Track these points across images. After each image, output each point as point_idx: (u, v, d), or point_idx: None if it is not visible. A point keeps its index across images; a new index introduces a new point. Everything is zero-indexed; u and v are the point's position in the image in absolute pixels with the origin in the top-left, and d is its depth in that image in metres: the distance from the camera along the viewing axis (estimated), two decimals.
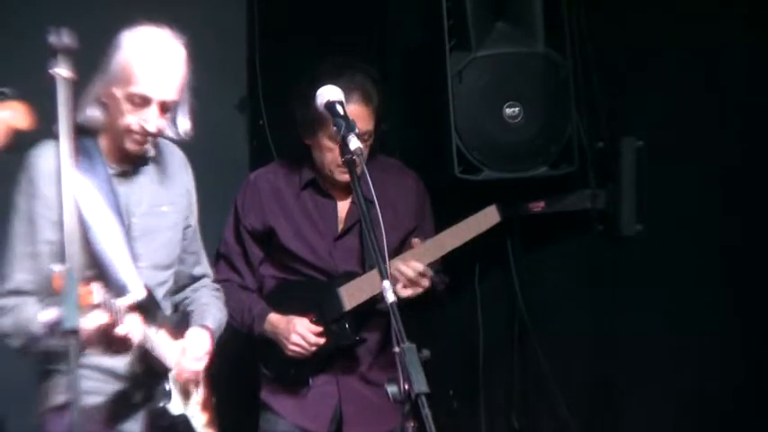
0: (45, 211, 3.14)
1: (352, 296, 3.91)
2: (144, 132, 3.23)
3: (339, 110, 3.06)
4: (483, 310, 4.78)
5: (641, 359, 4.70)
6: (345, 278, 3.94)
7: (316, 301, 3.94)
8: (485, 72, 4.42)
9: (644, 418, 4.68)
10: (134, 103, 3.20)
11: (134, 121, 3.21)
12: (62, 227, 2.63)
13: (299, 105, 3.84)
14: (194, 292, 3.62)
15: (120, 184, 3.32)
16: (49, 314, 2.90)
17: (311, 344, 3.88)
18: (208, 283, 3.68)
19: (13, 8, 4.26)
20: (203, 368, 3.45)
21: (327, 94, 3.11)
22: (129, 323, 3.08)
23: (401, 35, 4.81)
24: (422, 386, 2.55)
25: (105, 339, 3.07)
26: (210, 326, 3.51)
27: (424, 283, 3.84)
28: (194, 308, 3.55)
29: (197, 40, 3.31)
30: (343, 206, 4.00)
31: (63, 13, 3.61)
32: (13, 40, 4.14)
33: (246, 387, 4.08)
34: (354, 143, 2.94)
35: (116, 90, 3.20)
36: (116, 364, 3.25)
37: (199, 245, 3.64)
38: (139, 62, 3.17)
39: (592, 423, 4.77)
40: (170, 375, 3.34)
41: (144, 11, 3.26)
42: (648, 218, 4.71)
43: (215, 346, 3.50)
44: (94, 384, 3.23)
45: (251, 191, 4.03)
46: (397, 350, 2.62)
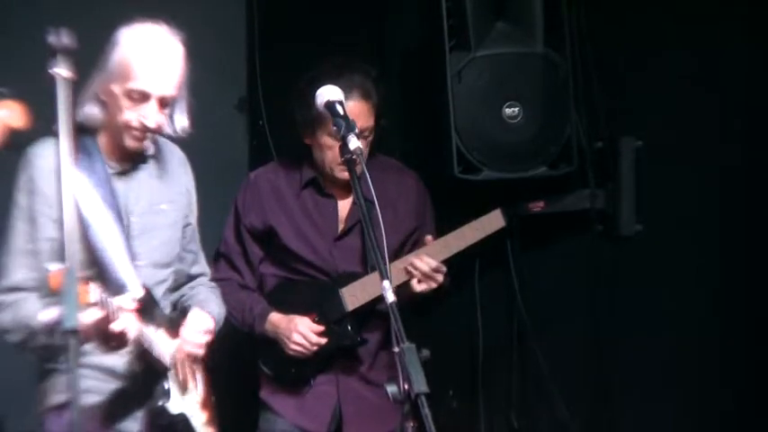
0: (45, 209, 3.14)
1: (354, 297, 3.92)
2: (143, 128, 3.23)
3: (339, 110, 3.06)
4: (482, 311, 4.78)
5: (641, 359, 4.69)
6: (347, 278, 3.94)
7: (317, 300, 3.94)
8: (484, 72, 4.42)
9: (644, 418, 4.67)
10: (133, 99, 3.19)
11: (133, 117, 3.21)
12: (62, 225, 2.63)
13: (298, 105, 3.84)
14: (191, 290, 3.62)
15: (119, 182, 3.32)
16: (49, 314, 2.90)
17: (313, 343, 3.88)
18: (205, 281, 3.68)
19: (12, 8, 4.27)
20: (204, 346, 3.41)
21: (327, 93, 3.12)
22: (124, 320, 3.07)
23: (401, 35, 4.80)
24: (421, 386, 2.55)
25: (102, 335, 3.06)
26: (212, 313, 3.51)
27: (439, 278, 3.89)
28: (193, 303, 3.54)
29: (196, 39, 3.31)
30: (344, 206, 4.00)
31: (62, 13, 3.62)
32: (13, 40, 4.14)
33: (246, 386, 4.08)
34: (354, 143, 2.94)
35: (114, 87, 3.19)
36: (115, 363, 3.25)
37: (197, 244, 3.63)
38: (137, 58, 3.17)
39: (591, 423, 4.77)
40: (169, 374, 3.34)
41: (144, 11, 3.26)
42: (648, 218, 4.71)
43: (214, 341, 3.48)
44: (94, 383, 3.23)
45: (251, 190, 4.02)
46: (396, 350, 2.62)
